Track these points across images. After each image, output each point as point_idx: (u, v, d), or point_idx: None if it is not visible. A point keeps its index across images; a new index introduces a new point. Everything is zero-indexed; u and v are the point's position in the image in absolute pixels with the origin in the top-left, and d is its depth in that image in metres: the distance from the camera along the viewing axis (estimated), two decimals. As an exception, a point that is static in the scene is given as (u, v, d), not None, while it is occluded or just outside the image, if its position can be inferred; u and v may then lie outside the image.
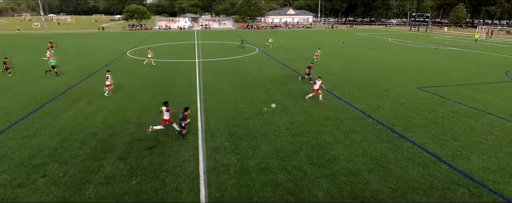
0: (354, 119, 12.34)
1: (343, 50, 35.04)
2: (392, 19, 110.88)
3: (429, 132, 11.06)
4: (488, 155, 9.41)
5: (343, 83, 18.45)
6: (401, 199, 7.28)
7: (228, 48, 36.18)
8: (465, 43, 43.98)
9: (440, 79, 19.86)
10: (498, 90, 16.99)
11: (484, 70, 22.97)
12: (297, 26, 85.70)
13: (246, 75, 20.81)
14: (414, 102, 14.69)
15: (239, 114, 12.92)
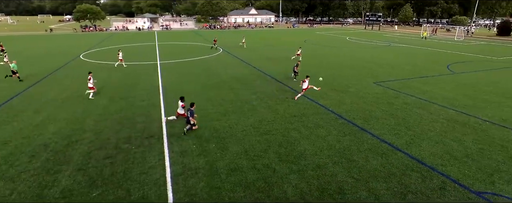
0: (318, 115, 12.82)
1: (306, 48, 36.18)
2: (349, 19, 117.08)
3: (386, 124, 11.90)
4: (436, 141, 10.38)
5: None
6: (364, 187, 7.74)
7: (191, 48, 35.40)
8: (413, 40, 47.98)
9: (393, 74, 21.43)
10: (442, 82, 18.81)
11: (430, 65, 25.28)
12: (260, 26, 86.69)
13: (211, 75, 20.55)
14: (372, 96, 15.67)
15: (205, 115, 12.72)
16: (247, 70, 22.36)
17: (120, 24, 75.47)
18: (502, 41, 48.46)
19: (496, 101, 15.06)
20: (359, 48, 36.79)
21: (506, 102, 14.91)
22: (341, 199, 7.30)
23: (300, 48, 27.90)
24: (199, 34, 58.61)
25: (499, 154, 9.49)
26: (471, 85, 18.31)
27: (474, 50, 35.51)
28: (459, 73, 22.06)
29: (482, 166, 8.79)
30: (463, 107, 14.08)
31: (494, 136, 10.85)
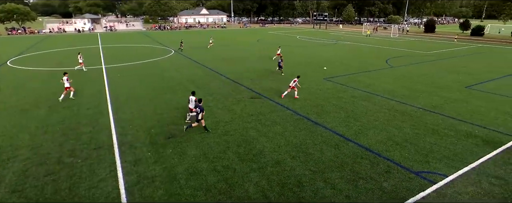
0: (275, 113, 13.14)
1: (259, 47, 36.76)
2: (298, 18, 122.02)
3: (337, 117, 12.69)
4: (380, 129, 11.39)
5: (261, 79, 19.38)
6: (321, 178, 8.16)
7: (141, 51, 33.50)
8: (357, 37, 51.87)
9: (341, 69, 22.92)
10: (383, 76, 20.68)
11: (372, 60, 27.60)
12: (213, 26, 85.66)
13: (164, 78, 19.72)
14: (323, 92, 16.57)
15: (160, 120, 12.17)
16: (202, 71, 21.96)
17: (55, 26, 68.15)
18: (429, 37, 55.03)
19: (427, 90, 17.06)
20: (309, 46, 38.56)
21: (435, 91, 16.97)
22: (300, 191, 7.59)
23: (279, 48, 27.94)
24: (148, 35, 55.76)
25: (432, 137, 10.77)
26: (406, 77, 20.44)
27: (407, 46, 39.73)
28: (396, 66, 24.48)
29: (419, 148, 9.90)
30: (401, 97, 15.65)
31: (427, 121, 12.28)
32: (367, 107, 14.02)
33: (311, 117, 12.63)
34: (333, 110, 13.48)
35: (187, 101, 12.16)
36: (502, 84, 18.82)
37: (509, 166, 8.81)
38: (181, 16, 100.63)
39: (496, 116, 12.93)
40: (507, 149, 9.90)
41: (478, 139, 10.64)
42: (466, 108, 13.95)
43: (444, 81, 19.20)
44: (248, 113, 13.06)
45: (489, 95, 16.14)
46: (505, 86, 18.28)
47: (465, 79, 19.90)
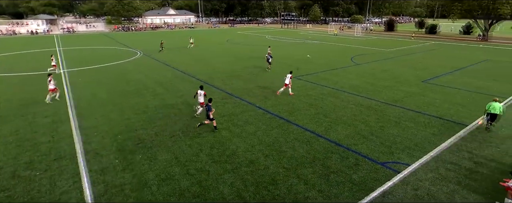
0: (247, 112, 13.16)
1: (229, 48, 36.60)
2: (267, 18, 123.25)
3: (308, 114, 13.03)
4: (348, 124, 11.90)
5: (232, 79, 19.33)
6: (294, 175, 8.33)
7: (104, 53, 31.78)
8: (324, 37, 53.61)
9: (310, 67, 23.55)
10: (348, 73, 21.60)
11: (338, 58, 28.70)
12: (181, 26, 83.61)
13: (130, 81, 18.89)
14: (293, 90, 16.88)
15: (127, 125, 11.65)
16: (171, 73, 21.37)
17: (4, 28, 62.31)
18: (389, 35, 58.47)
19: (389, 85, 18.12)
20: (278, 46, 39.15)
21: (396, 85, 18.07)
22: (274, 189, 7.69)
23: (269, 47, 28.34)
24: (111, 37, 53.05)
25: (394, 129, 11.47)
26: (370, 73, 21.55)
27: (370, 44, 41.88)
28: (361, 64, 25.70)
29: (383, 140, 10.49)
30: (366, 92, 16.47)
31: (389, 114, 13.05)
32: (335, 103, 14.56)
33: (283, 115, 12.84)
34: (304, 108, 13.82)
35: (195, 94, 12.73)
36: (453, 77, 20.55)
37: (461, 153, 9.65)
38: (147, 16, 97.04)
39: (449, 107, 14.09)
40: (459, 136, 10.83)
41: (435, 129, 11.52)
42: (423, 101, 15.04)
43: (404, 76, 20.52)
44: (221, 114, 12.95)
45: (442, 88, 17.54)
46: (455, 79, 19.98)
47: (422, 74, 21.44)
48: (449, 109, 13.88)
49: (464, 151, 9.74)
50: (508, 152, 9.74)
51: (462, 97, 15.74)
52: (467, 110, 13.75)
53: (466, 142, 10.39)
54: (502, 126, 11.83)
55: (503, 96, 15.79)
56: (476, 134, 11.12)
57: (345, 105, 14.31)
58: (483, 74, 21.64)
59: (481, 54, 32.23)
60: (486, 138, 10.76)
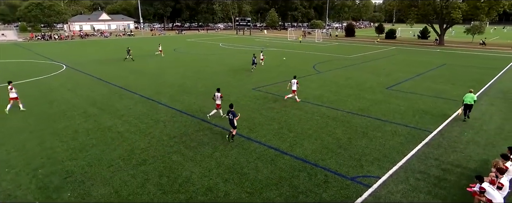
0: (201, 131, 12.95)
1: (177, 58, 36.05)
2: (219, 24, 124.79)
3: (270, 129, 13.26)
4: (315, 138, 12.36)
5: (183, 94, 18.98)
6: (259, 200, 8.33)
7: (17, 68, 29.02)
8: (283, 44, 55.74)
9: (270, 77, 24.19)
10: (310, 82, 22.64)
11: (299, 66, 29.98)
12: (118, 34, 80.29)
13: (54, 101, 17.46)
14: (253, 103, 17.16)
15: (51, 156, 10.66)
16: (107, 89, 20.26)
17: None
18: (350, 41, 63.03)
19: (353, 94, 19.37)
20: (234, 54, 39.66)
21: (360, 93, 19.38)
22: (237, 219, 7.58)
23: (262, 53, 31.28)
24: (27, 47, 48.83)
25: (362, 140, 12.21)
26: (333, 82, 22.85)
27: (332, 50, 44.63)
28: (323, 72, 27.17)
29: (352, 153, 11.08)
30: (330, 102, 17.36)
31: (356, 125, 13.88)
32: (300, 115, 15.07)
33: (242, 132, 12.88)
34: (266, 122, 14.05)
35: (213, 96, 14.37)
36: (415, 83, 22.74)
37: (429, 160, 10.59)
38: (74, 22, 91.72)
39: (413, 114, 15.48)
40: (425, 144, 11.91)
41: (401, 137, 12.52)
42: (388, 109, 16.32)
43: (368, 84, 22.13)
44: (170, 135, 12.55)
45: (406, 95, 19.26)
46: (417, 85, 22.13)
47: (385, 81, 23.36)
48: (414, 115, 15.24)
49: (431, 159, 10.71)
50: (472, 156, 10.94)
51: (424, 103, 17.43)
52: (430, 116, 15.23)
53: (432, 149, 11.45)
54: (464, 131, 13.32)
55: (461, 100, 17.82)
56: (441, 140, 12.33)
57: (310, 117, 14.88)
58: (442, 79, 24.32)
59: (439, 59, 36.31)
60: (451, 143, 11.99)
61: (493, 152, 11.06)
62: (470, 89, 15.33)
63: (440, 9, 52.87)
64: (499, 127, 13.90)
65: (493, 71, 27.52)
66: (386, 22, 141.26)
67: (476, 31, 58.29)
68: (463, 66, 30.75)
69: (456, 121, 14.54)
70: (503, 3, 47.14)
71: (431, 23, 58.53)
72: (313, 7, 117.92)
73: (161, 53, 37.43)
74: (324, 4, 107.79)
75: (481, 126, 13.89)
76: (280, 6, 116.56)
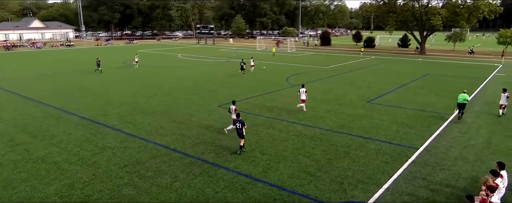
0: (158, 158, 12.64)
1: (127, 72, 35.28)
2: (177, 32, 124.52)
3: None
4: (291, 161, 12.49)
5: (135, 114, 18.53)
6: (229, 236, 8.17)
7: None
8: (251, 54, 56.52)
9: (237, 93, 24.32)
10: (284, 96, 23.06)
11: (271, 79, 30.49)
12: (54, 44, 77.24)
13: (-31, 128, 16.26)
14: (219, 123, 17.09)
15: (-35, 197, 9.81)
16: (40, 111, 19.29)
17: None
18: (326, 50, 65.42)
19: (332, 109, 19.95)
20: (194, 67, 39.58)
21: (340, 109, 20.01)
22: None
23: (252, 59, 36.07)
24: None
25: (344, 161, 12.51)
26: (310, 96, 23.30)
27: (306, 61, 45.97)
28: (298, 84, 27.78)
29: (333, 176, 11.30)
30: (307, 119, 17.73)
31: (337, 144, 14.24)
32: (273, 135, 15.20)
33: (207, 157, 12.72)
34: (235, 145, 14.00)
35: (229, 109, 15.28)
36: (397, 95, 23.92)
37: (416, 181, 11.05)
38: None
39: (397, 129, 16.20)
40: (412, 162, 12.45)
41: (386, 156, 13.00)
42: (371, 124, 16.95)
43: (347, 97, 22.94)
44: (120, 164, 12.10)
45: (389, 108, 20.16)
46: (400, 97, 23.30)
47: (366, 93, 24.35)
48: (398, 131, 15.95)
49: (419, 178, 11.18)
50: (461, 174, 11.57)
51: (408, 117, 18.33)
52: (415, 131, 16.01)
53: (419, 168, 11.98)
54: (451, 146, 14.11)
55: (446, 113, 19.01)
56: (427, 157, 12.95)
57: (285, 136, 15.06)
58: (426, 90, 25.81)
59: (421, 68, 38.61)
60: (438, 161, 12.63)
61: (483, 168, 11.77)
62: (463, 89, 18.83)
63: (419, 15, 56.81)
64: (486, 141, 14.89)
65: (478, 81, 29.69)
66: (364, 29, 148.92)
67: (458, 39, 62.92)
68: (447, 76, 32.90)
69: (442, 136, 15.41)
70: (482, 9, 51.54)
71: (411, 30, 62.53)
72: (284, 13, 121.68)
73: (137, 64, 38.83)
74: (297, 10, 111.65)
75: (468, 141, 14.80)
76: (247, 12, 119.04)
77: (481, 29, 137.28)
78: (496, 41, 58.24)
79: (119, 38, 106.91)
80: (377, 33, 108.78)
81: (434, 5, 58.13)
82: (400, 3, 61.18)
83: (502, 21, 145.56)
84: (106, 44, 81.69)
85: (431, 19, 53.02)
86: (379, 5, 63.83)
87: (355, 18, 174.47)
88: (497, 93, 24.54)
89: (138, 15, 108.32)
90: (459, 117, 17.83)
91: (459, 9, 53.68)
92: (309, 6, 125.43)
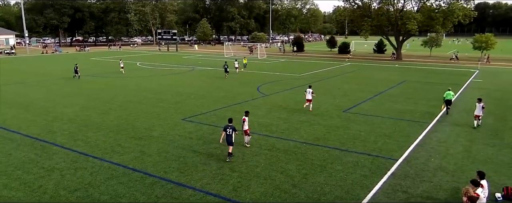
0: (114, 179, 12.27)
1: (76, 84, 34.21)
2: (136, 38, 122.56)
3: (207, 169, 13.09)
4: (264, 177, 12.49)
5: (87, 131, 17.97)
6: None
7: None
8: (219, 61, 56.53)
9: (205, 104, 24.19)
10: (255, 107, 23.17)
11: (240, 89, 30.59)
12: (-10, 53, 73.53)
13: None
14: (183, 137, 16.88)
15: None
16: (-27, 130, 18.22)
17: None
18: (299, 57, 66.60)
19: (307, 120, 20.26)
20: (156, 77, 39.03)
21: (315, 119, 20.36)
22: None
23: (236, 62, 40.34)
24: None
25: (320, 176, 12.69)
26: (282, 106, 23.70)
27: (278, 68, 46.61)
28: (270, 94, 28.07)
29: (309, 193, 11.41)
30: (281, 132, 17.89)
31: (313, 157, 14.43)
32: (244, 150, 15.19)
33: (171, 176, 12.50)
34: (201, 161, 13.86)
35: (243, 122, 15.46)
36: (374, 104, 24.70)
37: (396, 194, 11.38)
38: None
39: (375, 140, 16.68)
40: (391, 174, 12.82)
41: (365, 169, 13.31)
42: (348, 135, 17.35)
43: (323, 107, 23.40)
44: (69, 188, 11.62)
45: (366, 118, 20.75)
46: (377, 105, 24.07)
47: (342, 102, 24.97)
48: (376, 142, 16.41)
49: (399, 191, 11.53)
50: (441, 185, 12.04)
51: (387, 127, 18.94)
52: (394, 141, 16.55)
53: (399, 180, 12.35)
54: (431, 156, 14.69)
55: (425, 121, 19.83)
56: (407, 169, 13.39)
57: (257, 151, 15.08)
58: (403, 97, 26.84)
59: (398, 75, 40.18)
60: (418, 172, 13.09)
61: (463, 179, 12.31)
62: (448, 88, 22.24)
63: (394, 19, 59.35)
64: (466, 150, 15.63)
65: (455, 88, 31.20)
66: (338, 34, 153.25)
67: (434, 44, 66.17)
68: (424, 83, 34.40)
69: (421, 146, 16.02)
70: (457, 13, 54.67)
71: (387, 35, 65.12)
72: (253, 17, 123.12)
73: (123, 70, 40.83)
74: (267, 14, 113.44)
75: (447, 150, 15.47)
76: (213, 15, 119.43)
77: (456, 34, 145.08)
78: (471, 46, 61.72)
79: (69, 45, 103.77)
80: (352, 38, 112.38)
81: (409, 9, 61.01)
82: (375, 7, 63.76)
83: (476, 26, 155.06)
84: (54, 52, 78.90)
85: (407, 24, 55.55)
86: (353, 9, 66.14)
87: (329, 22, 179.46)
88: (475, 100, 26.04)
89: (90, 19, 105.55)
90: (447, 112, 21.38)
91: (434, 13, 56.69)
92: (280, 10, 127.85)
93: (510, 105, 24.78)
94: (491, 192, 10.78)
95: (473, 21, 59.44)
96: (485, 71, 44.49)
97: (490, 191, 10.48)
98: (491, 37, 58.94)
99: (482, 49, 58.20)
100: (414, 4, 60.92)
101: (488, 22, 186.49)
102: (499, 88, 31.98)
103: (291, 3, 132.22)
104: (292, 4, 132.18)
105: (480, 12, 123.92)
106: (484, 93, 28.82)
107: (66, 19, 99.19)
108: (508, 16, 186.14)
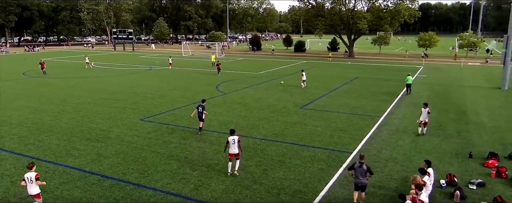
0: (70, 183, 11.76)
1: (27, 85, 32.25)
2: (90, 37, 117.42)
3: (167, 169, 12.86)
4: (224, 175, 12.47)
5: (39, 134, 17.02)
6: None
7: None
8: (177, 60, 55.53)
9: (163, 104, 23.70)
10: (216, 106, 23.04)
11: (199, 87, 30.26)
12: None
13: None
14: (142, 138, 16.45)
15: None
16: None
17: None
18: (256, 55, 66.97)
19: (266, 117, 20.44)
20: (111, 77, 37.69)
21: (273, 116, 20.58)
22: None
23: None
24: None
25: (280, 171, 12.86)
26: (241, 104, 23.73)
27: (236, 67, 46.61)
28: (229, 92, 28.01)
29: (269, 187, 11.54)
30: (240, 129, 17.87)
31: (272, 153, 14.61)
32: (204, 148, 15.07)
33: (129, 178, 12.16)
34: (161, 162, 13.60)
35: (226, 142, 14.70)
36: (329, 100, 25.40)
37: (352, 185, 11.76)
38: None
39: (331, 135, 17.17)
40: (346, 166, 13.26)
41: (322, 162, 13.67)
42: (305, 131, 17.72)
43: (280, 104, 23.71)
44: (21, 195, 10.97)
45: (322, 113, 21.30)
46: (332, 101, 24.78)
47: (299, 99, 25.43)
48: (332, 136, 16.90)
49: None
50: (392, 175, 12.63)
51: (341, 121, 19.55)
52: (348, 135, 17.12)
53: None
54: (382, 148, 15.36)
55: (376, 115, 20.69)
56: (361, 160, 13.90)
57: (217, 149, 15.01)
58: (355, 93, 27.83)
59: (350, 72, 41.58)
60: (370, 163, 13.54)
61: (411, 168, 12.99)
62: (408, 73, 28.09)
63: (346, 19, 61.34)
64: (413, 140, 16.48)
65: (403, 83, 32.83)
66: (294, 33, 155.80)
67: (383, 42, 69.12)
68: (375, 79, 35.86)
69: (373, 138, 16.71)
70: (403, 13, 57.51)
71: (340, 34, 67.12)
72: (210, 16, 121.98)
73: (89, 65, 42.51)
74: (224, 13, 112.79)
75: (397, 142, 16.25)
76: (170, 15, 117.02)
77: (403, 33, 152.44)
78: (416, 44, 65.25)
79: (17, 45, 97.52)
80: (307, 37, 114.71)
81: (360, 9, 63.29)
82: (328, 7, 65.54)
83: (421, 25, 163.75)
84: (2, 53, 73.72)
85: (358, 23, 57.67)
86: (308, 9, 67.53)
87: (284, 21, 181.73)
88: (421, 94, 27.57)
89: (40, 18, 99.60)
90: (408, 93, 27.42)
91: (382, 13, 59.29)
92: (237, 9, 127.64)
93: (451, 99, 26.43)
94: (437, 179, 11.46)
95: (417, 20, 62.83)
96: (429, 67, 47.09)
97: (436, 178, 11.14)
98: (433, 35, 62.91)
99: (426, 47, 61.74)
100: (364, 4, 63.36)
101: (430, 21, 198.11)
102: (441, 83, 33.98)
103: (248, 2, 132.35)
104: (249, 4, 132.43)
105: (424, 12, 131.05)
106: (428, 87, 30.59)
107: (12, 17, 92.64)
108: (448, 16, 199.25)
